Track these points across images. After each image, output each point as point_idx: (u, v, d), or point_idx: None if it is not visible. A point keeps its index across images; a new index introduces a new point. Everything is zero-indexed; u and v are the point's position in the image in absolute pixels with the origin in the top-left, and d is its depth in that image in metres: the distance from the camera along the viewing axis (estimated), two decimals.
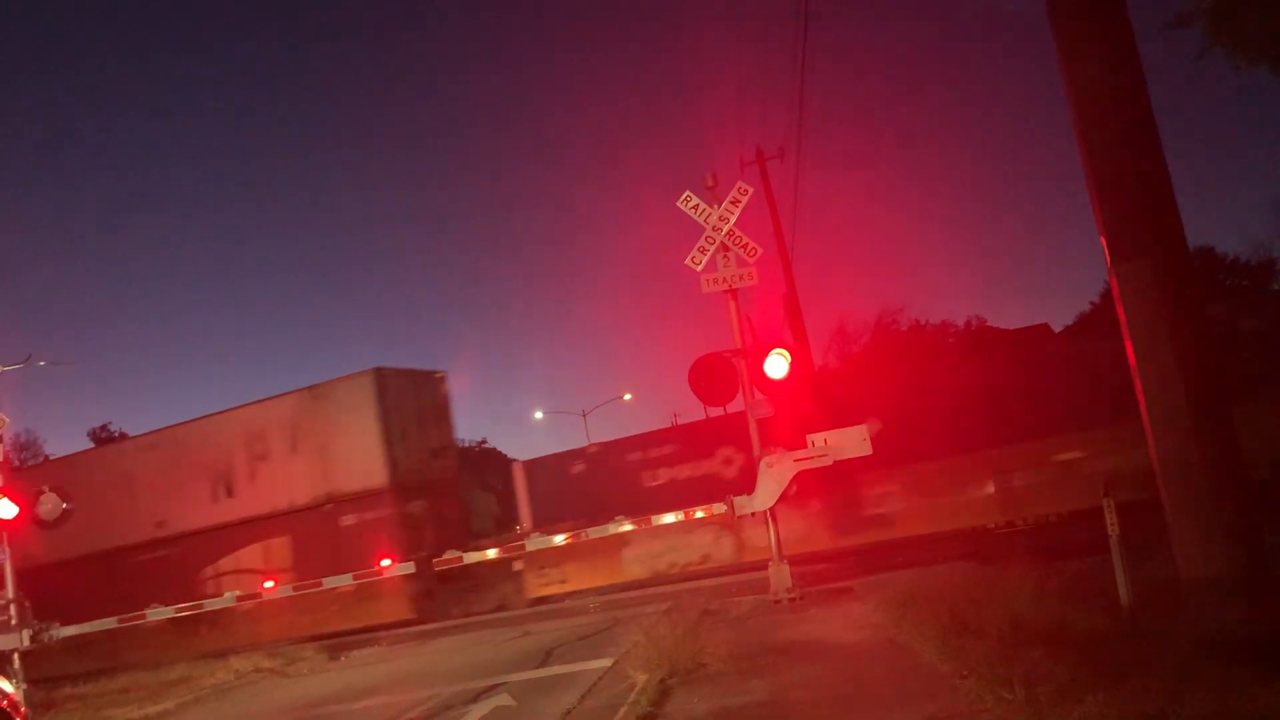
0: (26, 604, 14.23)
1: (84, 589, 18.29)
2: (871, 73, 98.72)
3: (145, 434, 21.49)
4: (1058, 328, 31.81)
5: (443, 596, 17.84)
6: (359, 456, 18.21)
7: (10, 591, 14.04)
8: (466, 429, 66.33)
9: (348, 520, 18.17)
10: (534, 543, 15.00)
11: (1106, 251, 6.77)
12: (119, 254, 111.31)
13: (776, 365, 12.13)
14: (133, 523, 20.00)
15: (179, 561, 19.40)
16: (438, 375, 20.27)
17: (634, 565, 16.55)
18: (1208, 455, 6.33)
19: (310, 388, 19.08)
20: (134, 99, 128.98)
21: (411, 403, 19.10)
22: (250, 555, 19.07)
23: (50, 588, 16.29)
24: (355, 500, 18.20)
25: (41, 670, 16.02)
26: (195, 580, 19.09)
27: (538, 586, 17.08)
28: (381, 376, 18.44)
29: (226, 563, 19.25)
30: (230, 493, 19.41)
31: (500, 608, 17.41)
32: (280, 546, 18.82)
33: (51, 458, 36.10)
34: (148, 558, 19.75)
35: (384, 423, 18.13)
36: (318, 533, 18.30)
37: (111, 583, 19.02)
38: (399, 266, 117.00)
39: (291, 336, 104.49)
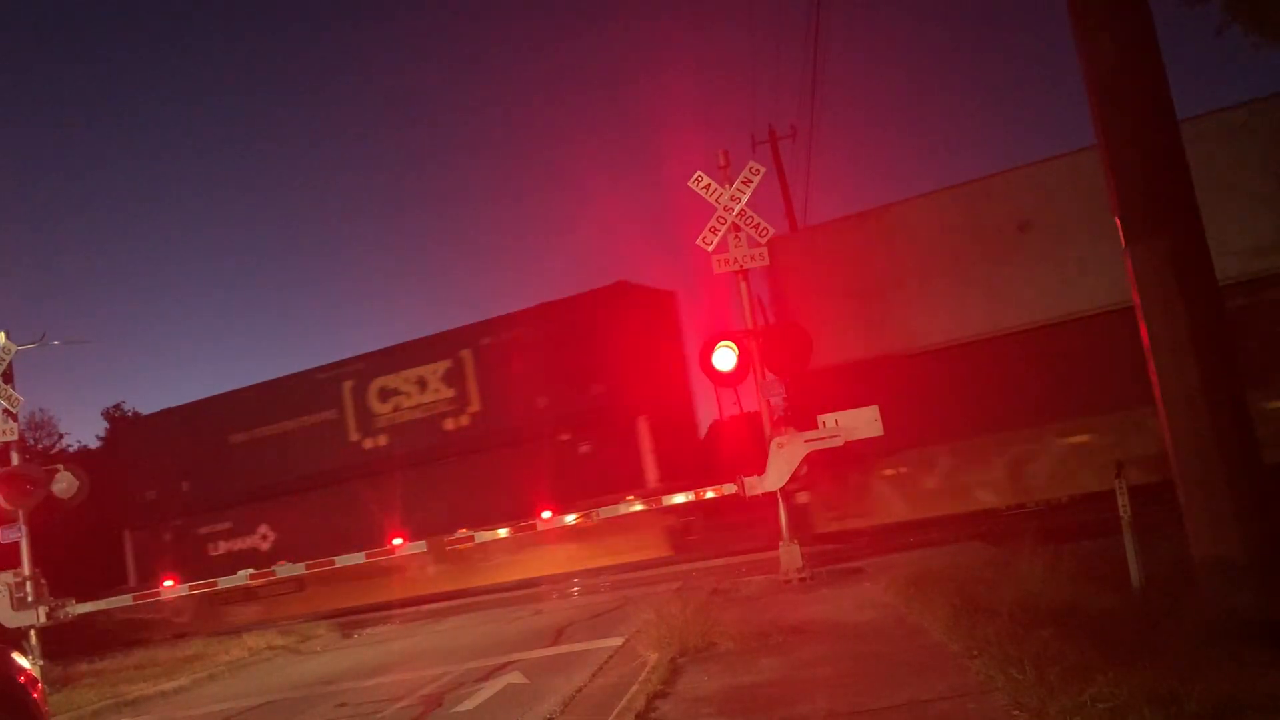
0: (43, 581, 14.36)
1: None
2: (885, 53, 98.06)
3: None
4: None
5: None
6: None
7: (26, 568, 14.18)
8: None
9: None
10: (546, 523, 14.97)
11: (1121, 232, 6.72)
12: (132, 235, 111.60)
13: None
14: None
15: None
16: None
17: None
18: (1221, 437, 6.30)
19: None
20: (145, 80, 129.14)
21: None
22: None
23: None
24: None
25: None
26: None
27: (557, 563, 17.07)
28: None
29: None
30: None
31: None
32: None
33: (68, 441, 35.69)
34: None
35: None
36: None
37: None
38: (405, 247, 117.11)
39: (302, 317, 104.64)
